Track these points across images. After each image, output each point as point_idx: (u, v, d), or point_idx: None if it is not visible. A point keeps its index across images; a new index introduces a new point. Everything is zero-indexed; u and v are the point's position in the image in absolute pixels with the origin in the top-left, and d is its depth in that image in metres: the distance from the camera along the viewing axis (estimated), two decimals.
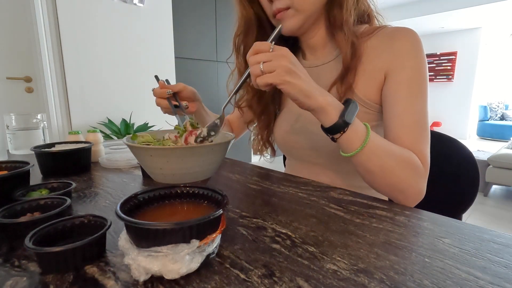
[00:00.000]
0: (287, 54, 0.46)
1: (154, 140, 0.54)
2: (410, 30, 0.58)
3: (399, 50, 0.57)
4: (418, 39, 0.57)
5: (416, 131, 0.55)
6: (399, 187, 0.52)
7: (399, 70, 0.57)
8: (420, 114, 0.56)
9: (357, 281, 0.29)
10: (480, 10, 4.54)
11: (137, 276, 0.28)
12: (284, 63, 0.45)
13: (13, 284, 0.28)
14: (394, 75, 0.57)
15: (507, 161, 2.63)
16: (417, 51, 0.57)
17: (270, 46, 0.46)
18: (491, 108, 6.26)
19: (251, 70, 0.47)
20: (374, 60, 0.60)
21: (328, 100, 0.48)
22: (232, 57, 0.75)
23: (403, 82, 0.56)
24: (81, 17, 1.80)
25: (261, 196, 0.54)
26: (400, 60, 0.57)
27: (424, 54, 0.57)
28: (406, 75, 0.56)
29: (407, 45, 0.57)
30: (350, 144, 0.50)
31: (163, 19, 2.19)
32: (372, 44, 0.61)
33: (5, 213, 0.38)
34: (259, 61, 0.46)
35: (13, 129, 0.90)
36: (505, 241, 0.37)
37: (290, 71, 0.45)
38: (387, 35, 0.60)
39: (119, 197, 0.54)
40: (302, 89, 0.46)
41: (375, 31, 0.62)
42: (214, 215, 0.30)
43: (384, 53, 0.59)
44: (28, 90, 1.94)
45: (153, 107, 0.65)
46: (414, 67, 0.56)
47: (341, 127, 0.48)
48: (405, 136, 0.55)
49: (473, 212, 2.47)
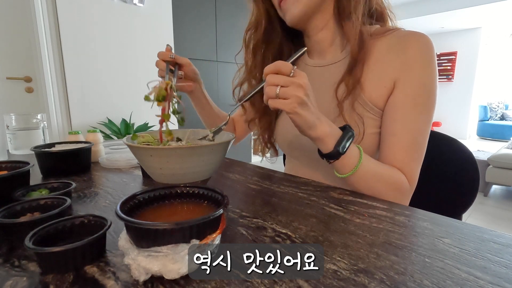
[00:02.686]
0: (304, 84, 0.46)
1: (154, 140, 0.54)
2: (424, 37, 0.56)
3: (411, 59, 0.55)
4: (431, 47, 0.56)
5: (411, 151, 0.56)
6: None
7: (408, 82, 0.56)
8: (419, 132, 0.56)
9: (357, 281, 0.29)
10: (480, 10, 4.53)
11: (137, 276, 0.28)
12: (299, 94, 0.45)
13: (13, 284, 0.28)
14: (402, 87, 0.56)
15: (507, 161, 2.63)
16: (429, 61, 0.55)
17: (292, 69, 0.46)
18: (491, 108, 6.26)
19: (266, 90, 0.47)
20: (384, 65, 0.58)
21: (326, 132, 0.50)
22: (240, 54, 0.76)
23: (409, 97, 0.55)
24: (81, 17, 1.80)
25: (261, 196, 0.54)
26: (411, 71, 0.55)
27: (435, 63, 0.56)
28: (414, 89, 0.55)
29: (419, 54, 0.55)
30: (342, 168, 0.53)
31: (163, 19, 2.19)
32: (382, 46, 0.59)
33: (5, 213, 0.38)
34: (277, 84, 0.46)
35: (13, 129, 0.90)
36: (505, 241, 0.37)
37: (302, 103, 0.46)
38: (399, 40, 0.57)
39: (119, 197, 0.54)
40: (307, 120, 0.48)
41: (386, 33, 0.60)
42: (214, 215, 0.30)
43: (395, 60, 0.57)
44: (28, 90, 1.94)
45: (153, 107, 0.65)
46: (424, 81, 0.55)
47: (335, 156, 0.51)
48: (399, 154, 0.56)
49: (473, 212, 2.47)
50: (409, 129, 0.55)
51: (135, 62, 2.05)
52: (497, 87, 6.59)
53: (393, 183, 0.55)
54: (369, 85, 0.59)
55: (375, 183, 0.54)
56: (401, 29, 0.61)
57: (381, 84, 0.58)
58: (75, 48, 1.81)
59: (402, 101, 0.56)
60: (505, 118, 6.22)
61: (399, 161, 0.56)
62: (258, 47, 0.71)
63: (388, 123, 0.58)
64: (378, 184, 0.54)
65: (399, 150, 0.56)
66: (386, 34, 0.59)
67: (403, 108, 0.56)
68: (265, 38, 0.70)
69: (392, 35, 0.59)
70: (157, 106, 0.52)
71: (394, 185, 0.55)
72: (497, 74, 6.55)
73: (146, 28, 2.09)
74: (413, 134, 0.55)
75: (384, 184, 0.54)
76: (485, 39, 5.89)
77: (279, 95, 0.46)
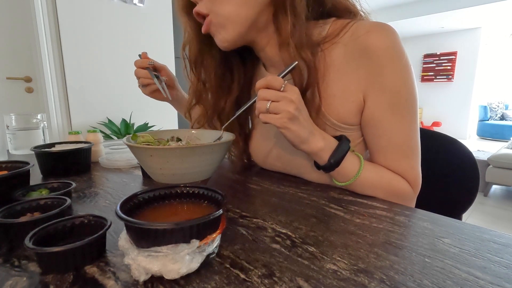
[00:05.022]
0: (295, 99, 0.46)
1: (154, 140, 0.54)
2: (383, 31, 0.48)
3: (376, 64, 0.49)
4: (396, 39, 0.49)
5: (406, 158, 0.53)
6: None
7: (379, 92, 0.50)
8: (408, 137, 0.52)
9: (357, 281, 0.29)
10: (480, 10, 4.54)
11: (137, 276, 0.28)
12: (290, 109, 0.45)
13: (13, 284, 0.28)
14: (374, 99, 0.51)
15: (507, 161, 2.63)
16: (398, 57, 0.48)
17: (282, 84, 0.45)
18: (491, 108, 6.25)
19: (258, 105, 0.47)
20: (346, 77, 0.52)
21: (320, 146, 0.49)
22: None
23: (385, 108, 0.50)
24: (81, 17, 1.80)
25: (261, 196, 0.54)
26: (380, 79, 0.49)
27: (405, 56, 0.49)
28: (388, 98, 0.50)
29: (385, 55, 0.48)
30: (340, 178, 0.53)
31: (163, 19, 2.19)
32: (339, 55, 0.52)
33: (5, 213, 0.38)
34: (268, 99, 0.46)
35: (13, 129, 0.90)
36: (505, 241, 0.37)
37: (293, 118, 0.46)
38: (356, 41, 0.50)
39: (119, 197, 0.54)
40: (299, 135, 0.47)
41: (342, 31, 0.52)
42: (214, 215, 0.30)
43: (358, 69, 0.50)
44: (28, 90, 1.94)
45: (153, 107, 0.65)
46: (397, 84, 0.49)
47: (330, 168, 0.51)
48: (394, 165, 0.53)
49: (473, 212, 2.47)
50: (396, 140, 0.52)
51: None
52: (497, 87, 6.59)
53: (393, 190, 0.53)
54: (333, 103, 0.53)
55: (377, 191, 0.53)
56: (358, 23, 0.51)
57: (348, 99, 0.52)
58: (75, 48, 1.81)
59: (379, 115, 0.51)
60: (505, 118, 6.22)
61: (397, 171, 0.54)
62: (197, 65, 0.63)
63: (372, 140, 0.54)
64: (380, 192, 0.53)
65: (392, 161, 0.53)
66: (341, 35, 0.52)
67: (382, 122, 0.51)
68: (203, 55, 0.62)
69: (349, 36, 0.51)
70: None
71: (396, 194, 0.53)
72: (497, 74, 6.55)
73: (146, 28, 2.09)
74: (403, 142, 0.52)
75: (387, 192, 0.53)
76: (485, 39, 5.89)
77: (270, 110, 0.46)
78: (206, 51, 0.61)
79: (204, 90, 0.65)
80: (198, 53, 0.61)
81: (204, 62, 0.62)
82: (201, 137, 0.61)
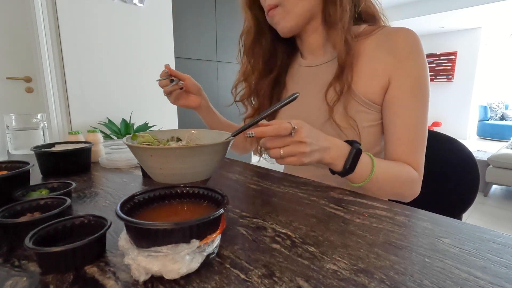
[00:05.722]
0: (304, 138, 0.47)
1: (154, 140, 0.54)
2: (410, 31, 0.59)
3: (402, 53, 0.58)
4: (418, 40, 0.58)
5: (415, 142, 0.59)
6: (396, 198, 0.62)
7: (403, 77, 0.58)
8: (420, 122, 0.59)
9: (357, 281, 0.29)
10: (480, 10, 4.53)
11: (137, 276, 0.28)
12: (302, 150, 0.47)
13: (13, 284, 0.28)
14: (398, 82, 0.59)
15: (507, 161, 2.63)
16: (419, 53, 0.58)
17: (291, 129, 0.46)
18: (491, 108, 6.25)
19: (270, 153, 0.48)
20: (375, 61, 0.60)
21: (333, 157, 0.52)
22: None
23: (406, 90, 0.58)
24: (81, 17, 1.80)
25: (261, 196, 0.54)
26: (404, 65, 0.58)
27: (424, 54, 0.59)
28: (409, 82, 0.58)
29: (409, 48, 0.58)
30: (353, 180, 0.56)
31: (163, 19, 2.19)
32: (371, 44, 0.61)
33: (5, 213, 0.38)
34: (279, 147, 0.47)
35: (13, 129, 0.90)
36: (505, 241, 0.37)
37: (307, 155, 0.48)
38: (387, 37, 0.60)
39: (119, 197, 0.54)
40: (316, 160, 0.51)
41: (374, 31, 0.62)
42: (214, 215, 0.30)
43: (386, 56, 0.59)
44: (28, 90, 1.94)
45: (153, 107, 0.65)
46: (417, 73, 0.58)
47: (345, 174, 0.54)
48: (404, 147, 0.59)
49: (473, 212, 2.47)
50: (410, 121, 0.58)
51: (135, 62, 2.05)
52: (497, 87, 6.59)
53: (406, 178, 0.58)
54: (362, 83, 0.61)
55: (388, 185, 0.57)
56: (388, 26, 0.64)
57: (375, 81, 0.60)
58: (75, 48, 1.81)
59: (400, 96, 0.59)
60: (505, 118, 6.22)
61: (405, 153, 0.59)
62: (250, 51, 0.75)
63: (389, 119, 0.61)
64: (390, 186, 0.57)
65: (403, 143, 0.59)
66: (373, 33, 0.62)
67: (402, 103, 0.59)
68: (256, 43, 0.73)
69: (380, 33, 0.62)
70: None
71: (405, 182, 0.58)
72: (497, 74, 6.55)
73: (146, 28, 2.09)
74: (415, 126, 0.58)
75: (396, 184, 0.57)
76: (485, 39, 5.89)
77: (284, 155, 0.47)
78: (259, 40, 0.73)
79: (251, 71, 0.77)
80: (252, 42, 0.73)
81: (255, 50, 0.74)
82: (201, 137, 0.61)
